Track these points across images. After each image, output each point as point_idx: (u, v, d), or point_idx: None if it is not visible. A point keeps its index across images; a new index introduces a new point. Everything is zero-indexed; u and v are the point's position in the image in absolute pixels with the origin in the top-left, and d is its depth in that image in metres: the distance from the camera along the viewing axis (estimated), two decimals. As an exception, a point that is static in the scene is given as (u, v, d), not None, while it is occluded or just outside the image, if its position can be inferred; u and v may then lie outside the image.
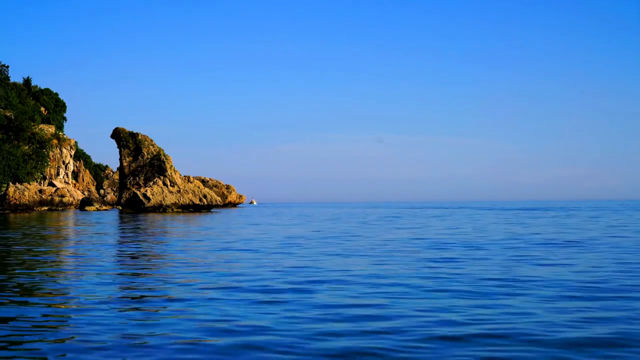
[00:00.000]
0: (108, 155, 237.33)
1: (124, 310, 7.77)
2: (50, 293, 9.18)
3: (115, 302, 8.39)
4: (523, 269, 11.79)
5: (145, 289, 9.58)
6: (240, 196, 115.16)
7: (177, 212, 63.66)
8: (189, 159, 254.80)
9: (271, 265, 12.55)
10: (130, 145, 77.10)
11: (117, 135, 78.04)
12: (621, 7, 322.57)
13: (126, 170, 76.51)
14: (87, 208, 76.06)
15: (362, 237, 21.60)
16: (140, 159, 76.24)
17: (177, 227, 30.71)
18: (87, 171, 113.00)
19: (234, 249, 16.89)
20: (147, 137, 77.98)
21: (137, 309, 7.91)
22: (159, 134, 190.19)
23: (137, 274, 11.44)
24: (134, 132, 77.91)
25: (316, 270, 11.66)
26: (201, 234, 24.32)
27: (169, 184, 70.34)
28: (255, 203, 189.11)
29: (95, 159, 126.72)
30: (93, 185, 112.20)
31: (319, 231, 26.02)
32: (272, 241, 19.82)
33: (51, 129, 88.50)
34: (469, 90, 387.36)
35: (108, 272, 11.74)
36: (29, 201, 71.36)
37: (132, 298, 8.76)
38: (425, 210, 76.88)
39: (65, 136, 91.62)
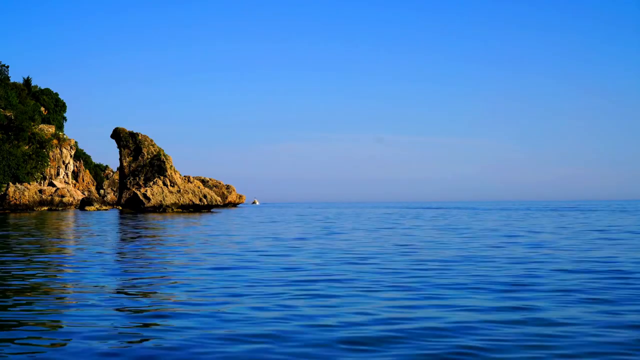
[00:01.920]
0: (108, 155, 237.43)
1: (122, 311, 7.74)
2: (48, 294, 9.15)
3: (113, 303, 8.37)
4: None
5: (143, 293, 9.56)
6: (240, 196, 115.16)
7: (177, 212, 63.65)
8: (189, 159, 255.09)
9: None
10: (130, 145, 77.08)
11: (117, 135, 78.01)
12: (621, 7, 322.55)
13: (126, 170, 76.50)
14: (87, 208, 76.05)
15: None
16: (140, 159, 76.21)
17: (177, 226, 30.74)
18: (87, 171, 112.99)
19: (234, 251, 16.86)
20: (147, 137, 77.95)
21: (137, 311, 7.89)
22: (159, 134, 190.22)
23: (137, 273, 11.41)
24: (134, 132, 77.88)
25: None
26: (200, 235, 24.30)
27: (169, 184, 70.33)
28: (257, 203, 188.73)
29: (95, 159, 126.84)
30: (93, 185, 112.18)
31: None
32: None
33: (51, 129, 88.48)
34: (469, 90, 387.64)
35: (108, 272, 11.71)
36: (28, 201, 71.33)
37: (131, 300, 8.73)
38: (399, 210, 76.78)
39: (65, 136, 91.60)
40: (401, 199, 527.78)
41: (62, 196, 75.25)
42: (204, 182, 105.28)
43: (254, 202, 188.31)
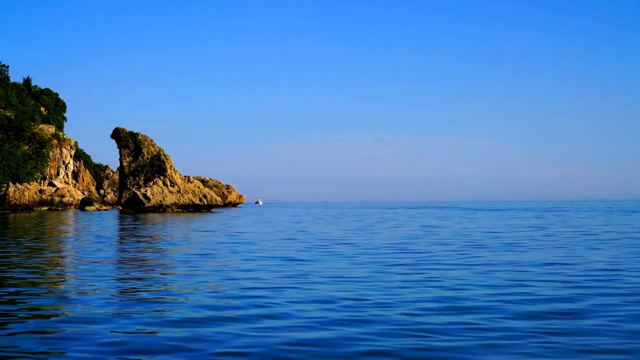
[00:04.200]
0: (108, 155, 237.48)
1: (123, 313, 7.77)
2: (49, 294, 9.18)
3: (113, 303, 8.40)
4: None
5: (142, 291, 9.58)
6: (240, 196, 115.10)
7: (177, 212, 63.67)
8: (189, 159, 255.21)
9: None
10: (130, 145, 77.07)
11: (117, 135, 78.00)
12: (621, 7, 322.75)
13: (126, 170, 76.50)
14: (87, 208, 76.03)
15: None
16: (140, 159, 76.21)
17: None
18: (87, 171, 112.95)
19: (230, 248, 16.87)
20: (147, 137, 77.94)
21: (137, 310, 7.91)
22: (159, 134, 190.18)
23: (136, 275, 11.44)
24: (134, 132, 77.87)
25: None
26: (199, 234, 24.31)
27: (169, 184, 70.32)
28: (261, 203, 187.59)
29: (95, 159, 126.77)
30: (93, 185, 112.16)
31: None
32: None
33: (51, 129, 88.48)
34: (469, 90, 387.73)
35: (107, 272, 11.74)
36: (28, 201, 71.33)
37: (131, 299, 8.76)
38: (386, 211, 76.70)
39: (65, 136, 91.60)
40: (401, 199, 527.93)
41: (62, 196, 75.24)
42: (204, 182, 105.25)
43: (256, 202, 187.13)
